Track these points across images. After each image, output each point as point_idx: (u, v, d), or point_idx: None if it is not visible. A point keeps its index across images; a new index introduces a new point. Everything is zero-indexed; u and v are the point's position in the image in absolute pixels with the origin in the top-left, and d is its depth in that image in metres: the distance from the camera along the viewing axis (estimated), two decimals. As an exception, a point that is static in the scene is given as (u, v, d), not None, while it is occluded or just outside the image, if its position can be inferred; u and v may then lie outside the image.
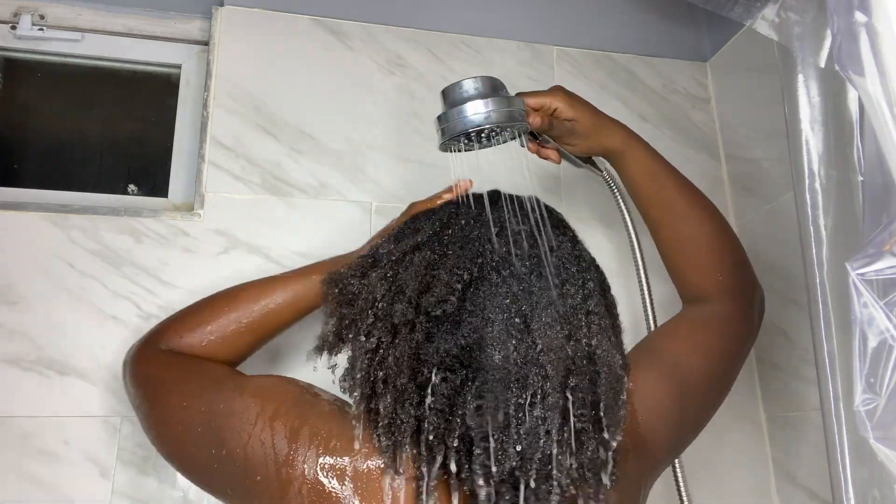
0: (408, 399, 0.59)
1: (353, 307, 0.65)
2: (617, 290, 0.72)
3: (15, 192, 1.08)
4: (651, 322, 0.96)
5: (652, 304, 0.96)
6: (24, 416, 0.93)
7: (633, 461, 0.64)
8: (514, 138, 0.78)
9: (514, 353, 0.59)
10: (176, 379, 0.72)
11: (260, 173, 1.10)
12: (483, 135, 0.74)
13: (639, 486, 0.66)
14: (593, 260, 0.71)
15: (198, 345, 0.76)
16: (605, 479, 0.59)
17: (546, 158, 0.85)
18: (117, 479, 0.93)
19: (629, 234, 0.97)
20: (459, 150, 0.77)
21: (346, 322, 0.65)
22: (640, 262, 0.97)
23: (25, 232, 1.00)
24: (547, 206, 0.72)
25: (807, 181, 0.78)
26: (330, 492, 0.58)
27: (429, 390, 0.58)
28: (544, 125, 0.77)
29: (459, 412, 0.57)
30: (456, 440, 0.57)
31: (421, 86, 1.21)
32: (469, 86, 0.73)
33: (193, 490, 0.96)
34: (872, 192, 0.61)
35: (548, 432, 0.57)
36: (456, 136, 0.73)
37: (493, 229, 0.66)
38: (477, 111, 0.71)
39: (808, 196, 0.78)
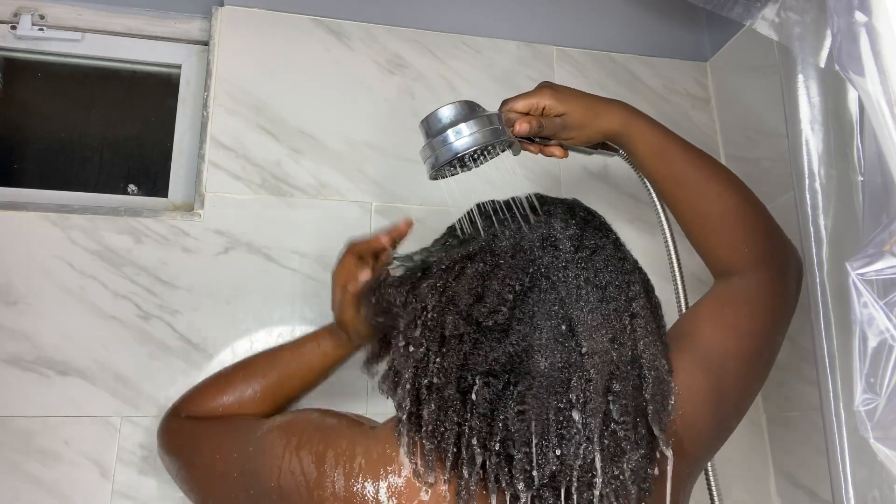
0: (451, 406, 0.58)
1: (401, 315, 0.65)
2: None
3: (15, 192, 1.08)
4: (682, 304, 0.91)
5: (685, 289, 0.91)
6: (24, 416, 0.93)
7: (674, 461, 0.63)
8: (505, 150, 0.77)
9: (559, 358, 0.59)
10: (206, 437, 0.76)
11: (260, 173, 1.10)
12: (471, 157, 0.73)
13: (679, 487, 0.65)
14: (636, 262, 0.70)
15: (217, 411, 0.80)
16: (647, 486, 0.59)
17: (552, 156, 0.82)
18: (117, 479, 0.93)
19: (658, 213, 0.91)
20: (451, 175, 0.77)
21: (391, 329, 0.65)
22: (670, 242, 0.91)
23: (25, 232, 1.00)
24: (588, 209, 0.72)
25: (807, 181, 0.78)
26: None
27: (472, 396, 0.58)
28: (533, 129, 0.75)
29: (501, 416, 0.57)
30: (498, 444, 0.57)
31: (421, 86, 1.21)
32: (446, 113, 0.73)
33: (193, 490, 0.96)
34: (872, 192, 0.61)
35: (588, 438, 0.57)
36: (443, 165, 0.72)
37: (540, 235, 0.66)
38: (459, 136, 0.71)
39: (808, 196, 0.77)
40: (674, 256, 0.91)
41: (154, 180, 1.16)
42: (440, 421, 0.58)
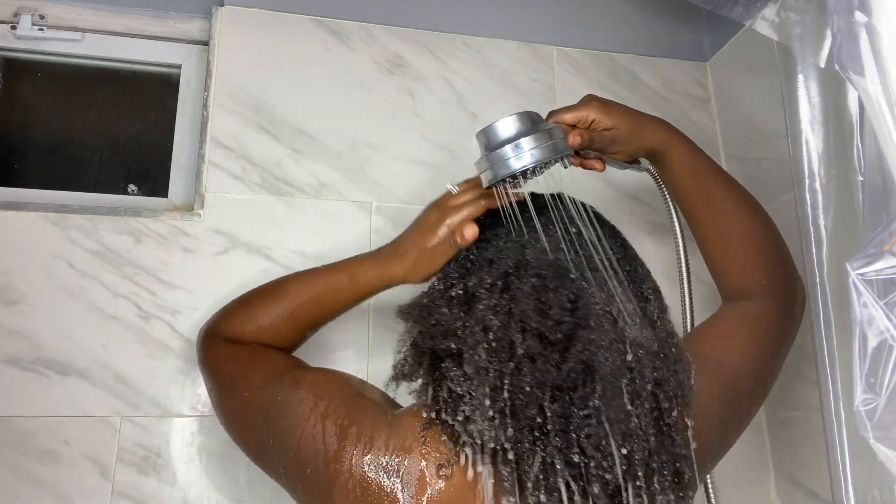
0: (531, 426, 0.58)
1: (455, 340, 0.63)
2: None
3: (15, 192, 1.08)
4: (689, 323, 0.94)
5: (691, 302, 0.93)
6: (24, 416, 0.93)
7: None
8: (557, 163, 0.76)
9: (616, 357, 0.60)
10: (239, 371, 0.76)
11: (260, 173, 1.10)
12: (530, 171, 0.72)
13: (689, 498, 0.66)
14: (643, 262, 0.73)
15: (254, 337, 0.80)
16: (693, 475, 0.60)
17: (591, 169, 0.82)
18: (117, 479, 0.93)
19: (675, 230, 0.94)
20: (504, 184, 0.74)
21: (441, 354, 0.63)
22: (682, 256, 0.93)
23: (25, 232, 1.00)
24: (593, 209, 0.73)
25: (807, 181, 0.78)
26: (376, 489, 0.59)
27: (546, 413, 0.58)
28: (585, 142, 0.74)
29: (573, 426, 0.57)
30: (576, 455, 0.56)
31: (421, 86, 1.21)
32: (507, 126, 0.70)
33: (193, 490, 0.96)
34: (872, 192, 0.61)
35: (644, 430, 0.58)
36: (501, 180, 0.71)
37: (565, 238, 0.67)
38: (520, 153, 0.69)
39: (808, 196, 0.77)
40: (684, 267, 0.93)
41: (154, 180, 1.16)
42: (520, 443, 0.57)
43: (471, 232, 0.71)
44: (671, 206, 0.91)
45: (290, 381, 0.70)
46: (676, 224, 0.92)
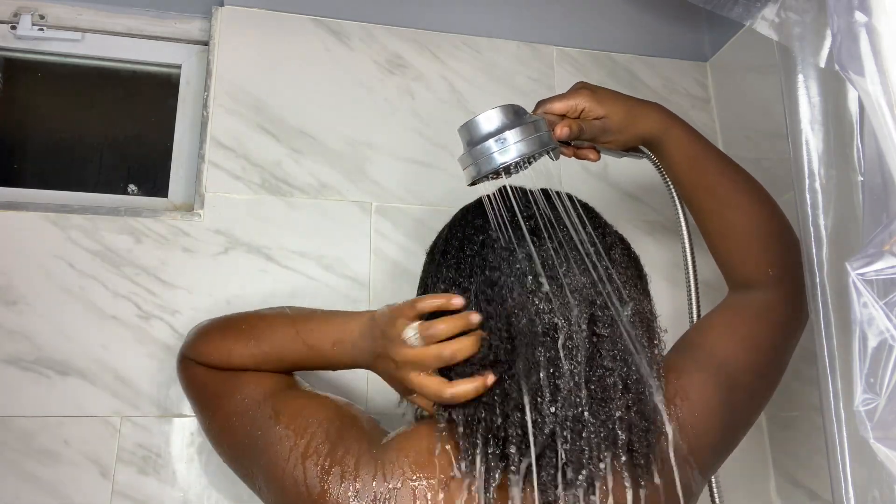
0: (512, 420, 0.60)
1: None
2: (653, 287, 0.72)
3: (15, 192, 1.08)
4: (695, 315, 0.89)
5: (698, 295, 0.88)
6: (24, 416, 0.93)
7: (680, 466, 0.63)
8: (545, 155, 0.73)
9: (540, 306, 0.61)
10: (220, 394, 0.73)
11: (260, 173, 1.10)
12: (514, 165, 0.69)
13: (689, 497, 0.65)
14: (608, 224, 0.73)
15: (231, 363, 0.75)
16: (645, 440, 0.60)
17: (584, 159, 0.80)
18: (117, 479, 0.93)
19: (679, 217, 0.88)
20: (490, 180, 0.72)
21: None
22: (687, 245, 0.88)
23: (25, 232, 1.00)
24: (543, 190, 0.71)
25: (807, 181, 0.78)
26: None
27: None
28: (573, 133, 0.72)
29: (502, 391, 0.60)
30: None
31: (421, 86, 1.21)
32: (489, 119, 0.68)
33: (193, 490, 0.96)
34: (872, 192, 0.61)
35: (577, 385, 0.58)
36: (486, 175, 0.69)
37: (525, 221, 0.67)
38: (504, 146, 0.66)
39: (808, 196, 0.77)
40: (690, 262, 0.88)
41: (154, 180, 1.16)
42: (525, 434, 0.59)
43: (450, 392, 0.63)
44: (675, 196, 0.87)
45: (269, 411, 0.67)
46: (682, 216, 0.87)
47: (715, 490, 0.88)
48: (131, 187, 1.15)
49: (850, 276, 0.55)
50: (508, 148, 0.67)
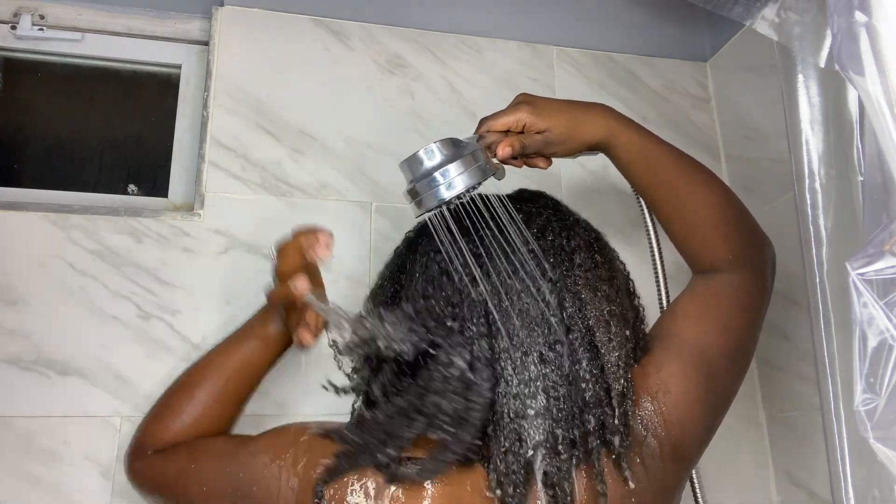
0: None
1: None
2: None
3: (15, 192, 1.08)
4: (664, 299, 0.94)
5: (668, 291, 0.93)
6: (24, 416, 0.93)
7: (669, 465, 0.64)
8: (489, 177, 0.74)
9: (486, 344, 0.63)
10: (186, 471, 0.73)
11: (260, 173, 1.10)
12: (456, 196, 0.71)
13: (673, 487, 0.66)
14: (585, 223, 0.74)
15: (184, 435, 0.77)
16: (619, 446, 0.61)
17: (535, 167, 0.80)
18: (117, 479, 0.93)
19: (645, 220, 0.93)
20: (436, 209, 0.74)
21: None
22: (655, 247, 0.92)
23: (25, 232, 1.00)
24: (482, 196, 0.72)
25: (807, 181, 0.78)
26: None
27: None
28: (516, 151, 0.73)
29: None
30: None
31: (421, 86, 1.21)
32: (428, 155, 0.70)
33: (193, 490, 0.96)
34: (872, 192, 0.61)
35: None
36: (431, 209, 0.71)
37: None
38: (447, 178, 0.69)
39: (808, 196, 0.77)
40: (657, 256, 0.92)
41: (154, 180, 1.16)
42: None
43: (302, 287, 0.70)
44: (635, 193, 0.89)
45: (245, 454, 0.69)
46: (646, 213, 0.91)
47: (696, 485, 0.89)
48: (131, 187, 1.15)
49: (850, 276, 0.55)
50: (452, 181, 0.69)
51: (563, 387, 0.62)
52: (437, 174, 0.69)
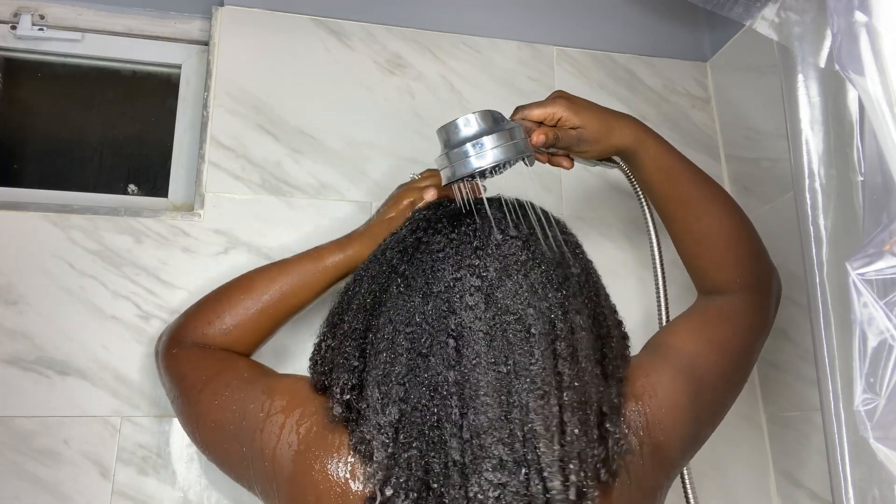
0: None
1: None
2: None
3: (15, 192, 1.08)
4: (664, 317, 0.92)
5: (666, 298, 0.92)
6: (24, 416, 0.93)
7: (649, 465, 0.64)
8: (520, 160, 0.74)
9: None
10: (207, 377, 0.75)
11: (260, 173, 1.10)
12: (490, 170, 0.71)
13: (655, 490, 0.66)
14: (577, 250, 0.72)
15: (220, 336, 0.79)
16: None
17: (558, 166, 0.81)
18: (117, 479, 0.93)
19: (648, 229, 0.92)
20: (466, 181, 0.73)
21: None
22: (657, 257, 0.91)
23: (25, 232, 1.00)
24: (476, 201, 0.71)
25: (807, 181, 0.78)
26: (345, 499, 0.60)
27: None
28: (549, 141, 0.74)
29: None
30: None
31: (421, 86, 1.21)
32: (467, 123, 0.70)
33: (193, 490, 0.96)
34: (872, 192, 0.61)
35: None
36: (461, 178, 0.70)
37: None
38: (481, 150, 0.68)
39: (808, 196, 0.77)
40: (659, 270, 0.91)
41: (154, 180, 1.16)
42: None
43: (430, 194, 0.78)
44: (644, 205, 0.90)
45: (262, 388, 0.69)
46: (651, 224, 0.90)
47: (688, 485, 0.89)
48: (131, 187, 1.15)
49: (850, 276, 0.55)
50: (485, 153, 0.69)
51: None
52: (470, 145, 0.69)
